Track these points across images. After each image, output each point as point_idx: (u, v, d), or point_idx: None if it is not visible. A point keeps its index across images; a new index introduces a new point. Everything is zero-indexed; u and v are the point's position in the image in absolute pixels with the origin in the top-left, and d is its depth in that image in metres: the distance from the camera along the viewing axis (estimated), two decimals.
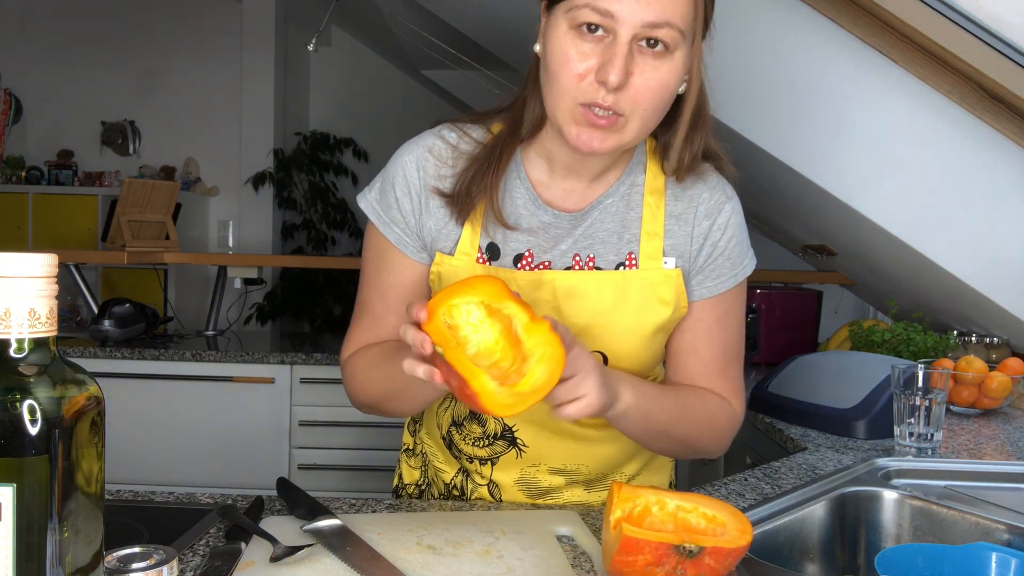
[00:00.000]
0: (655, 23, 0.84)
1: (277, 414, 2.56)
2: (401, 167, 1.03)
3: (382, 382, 1.02)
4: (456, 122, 1.06)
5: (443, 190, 1.01)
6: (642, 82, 0.87)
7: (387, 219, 1.04)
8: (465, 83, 4.76)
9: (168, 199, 3.08)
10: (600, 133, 0.89)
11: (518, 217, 1.02)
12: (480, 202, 1.00)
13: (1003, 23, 1.63)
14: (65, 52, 5.38)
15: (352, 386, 1.09)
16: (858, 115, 1.86)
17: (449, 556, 0.85)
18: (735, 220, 1.04)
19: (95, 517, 0.58)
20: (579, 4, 0.85)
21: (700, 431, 1.04)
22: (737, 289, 1.06)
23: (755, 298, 2.53)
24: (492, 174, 0.99)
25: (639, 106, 0.88)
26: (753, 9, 1.88)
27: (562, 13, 0.88)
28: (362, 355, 1.07)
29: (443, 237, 1.03)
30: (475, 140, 1.04)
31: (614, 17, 0.84)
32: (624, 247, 1.02)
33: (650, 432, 1.00)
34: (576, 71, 0.87)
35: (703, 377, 1.06)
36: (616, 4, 0.84)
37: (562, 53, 0.87)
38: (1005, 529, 1.00)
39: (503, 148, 1.01)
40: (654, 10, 0.84)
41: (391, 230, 1.04)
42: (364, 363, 1.06)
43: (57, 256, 0.57)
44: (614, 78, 0.84)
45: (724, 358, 1.07)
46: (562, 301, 1.00)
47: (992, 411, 1.74)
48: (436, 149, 1.03)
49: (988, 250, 1.84)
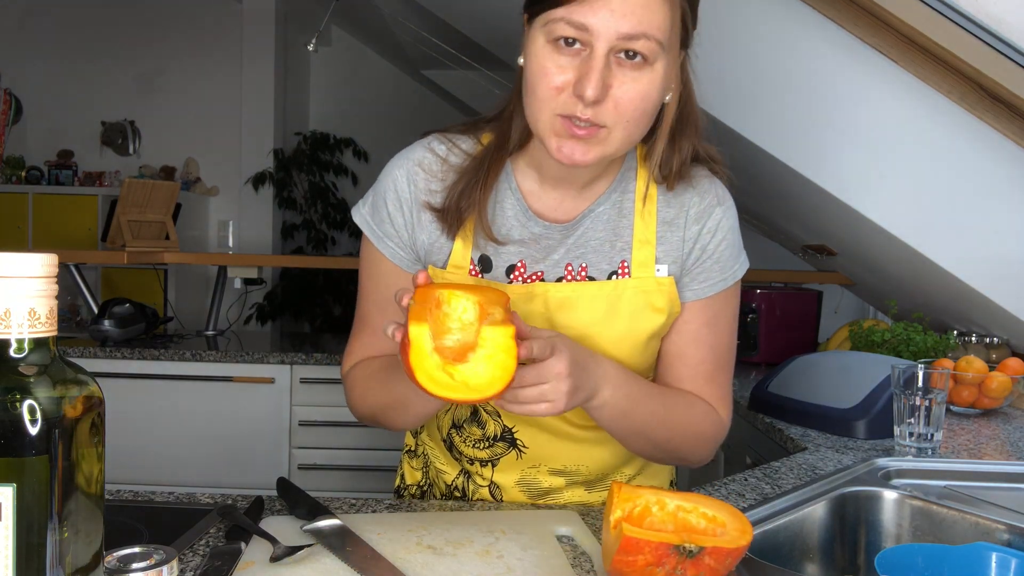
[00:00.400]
0: (631, 35, 0.84)
1: (277, 414, 2.56)
2: (392, 181, 1.03)
3: (381, 395, 1.03)
4: (445, 133, 1.06)
5: (433, 205, 1.01)
6: (622, 94, 0.86)
7: (380, 233, 1.05)
8: (465, 83, 4.76)
9: (168, 199, 3.08)
10: (582, 145, 0.89)
11: (509, 229, 1.02)
12: (470, 217, 1.00)
13: (1003, 23, 1.63)
14: (65, 52, 5.38)
15: (352, 398, 1.10)
16: (858, 115, 1.86)
17: (449, 556, 0.85)
18: (726, 224, 1.03)
19: (95, 517, 0.58)
20: (555, 18, 0.85)
21: (683, 436, 1.03)
22: (727, 293, 1.05)
23: (755, 298, 2.53)
24: (480, 189, 0.99)
25: (622, 117, 0.88)
26: (753, 9, 1.88)
27: (540, 26, 0.88)
28: (362, 368, 1.08)
29: (436, 251, 1.03)
30: (464, 152, 1.03)
31: (589, 30, 0.84)
32: (616, 255, 1.02)
33: (628, 431, 0.99)
34: (553, 84, 0.87)
35: (690, 381, 1.05)
36: (591, 17, 0.83)
37: (540, 66, 0.87)
38: (1005, 529, 0.99)
39: (491, 162, 1.01)
40: (629, 21, 0.83)
41: (385, 244, 1.05)
42: (363, 376, 1.07)
43: (57, 256, 0.57)
44: (591, 92, 0.84)
45: (713, 363, 1.06)
46: (555, 313, 1.00)
47: (992, 411, 1.74)
48: (426, 163, 1.03)
49: (988, 250, 1.84)
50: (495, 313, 0.82)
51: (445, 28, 3.54)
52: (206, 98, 5.43)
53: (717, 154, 1.05)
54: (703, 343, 1.05)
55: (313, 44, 3.62)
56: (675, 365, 1.06)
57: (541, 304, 1.00)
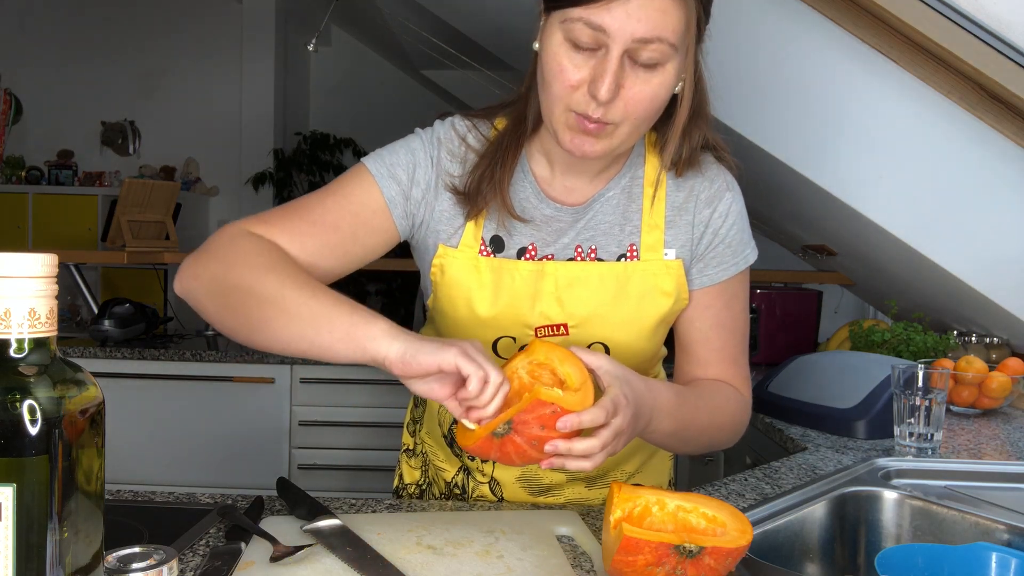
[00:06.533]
0: (646, 39, 0.84)
1: (277, 414, 2.56)
2: (429, 141, 1.03)
3: (273, 286, 0.87)
4: (466, 115, 1.07)
5: (456, 186, 1.02)
6: (632, 94, 0.88)
7: (390, 175, 1.01)
8: (465, 83, 4.76)
9: (168, 199, 3.08)
10: (591, 139, 0.91)
11: (522, 211, 1.03)
12: (492, 199, 1.00)
13: (1003, 23, 1.63)
14: (65, 52, 5.39)
15: (214, 257, 0.91)
16: (858, 115, 1.86)
17: (449, 556, 0.85)
18: (736, 208, 1.05)
19: (95, 517, 0.58)
20: (573, 17, 0.85)
21: (721, 432, 1.05)
22: (740, 276, 1.07)
23: (755, 298, 2.53)
24: (501, 170, 1.00)
25: (630, 115, 0.89)
26: (753, 9, 1.88)
27: (557, 22, 0.88)
28: (268, 246, 0.93)
29: (446, 224, 1.03)
30: (483, 136, 1.05)
31: (606, 31, 0.84)
32: (625, 239, 1.03)
33: (671, 443, 1.02)
34: (569, 82, 0.88)
35: (715, 365, 1.07)
36: (608, 18, 0.84)
37: (556, 64, 0.88)
38: (1005, 529, 0.99)
39: (508, 144, 1.02)
40: (645, 25, 0.84)
41: (388, 184, 1.00)
42: (263, 251, 0.91)
43: (57, 256, 0.57)
44: (604, 93, 0.86)
45: (735, 345, 1.09)
46: (563, 291, 1.00)
47: (992, 411, 1.74)
48: (450, 141, 1.04)
49: (988, 250, 1.84)
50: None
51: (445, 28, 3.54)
52: (206, 98, 5.44)
53: (723, 143, 1.06)
54: (725, 326, 1.07)
55: (313, 44, 3.62)
56: (699, 351, 1.08)
57: (551, 283, 1.00)
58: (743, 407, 1.08)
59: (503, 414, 0.81)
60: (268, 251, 0.92)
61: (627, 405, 0.84)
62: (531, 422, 0.80)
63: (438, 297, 1.05)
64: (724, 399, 1.06)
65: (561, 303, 1.00)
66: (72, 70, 5.40)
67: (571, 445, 0.80)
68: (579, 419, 0.79)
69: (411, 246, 1.09)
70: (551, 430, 0.79)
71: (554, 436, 0.80)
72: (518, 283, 1.00)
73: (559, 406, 0.79)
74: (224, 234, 0.95)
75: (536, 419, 0.80)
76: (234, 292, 0.89)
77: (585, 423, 0.80)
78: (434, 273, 1.04)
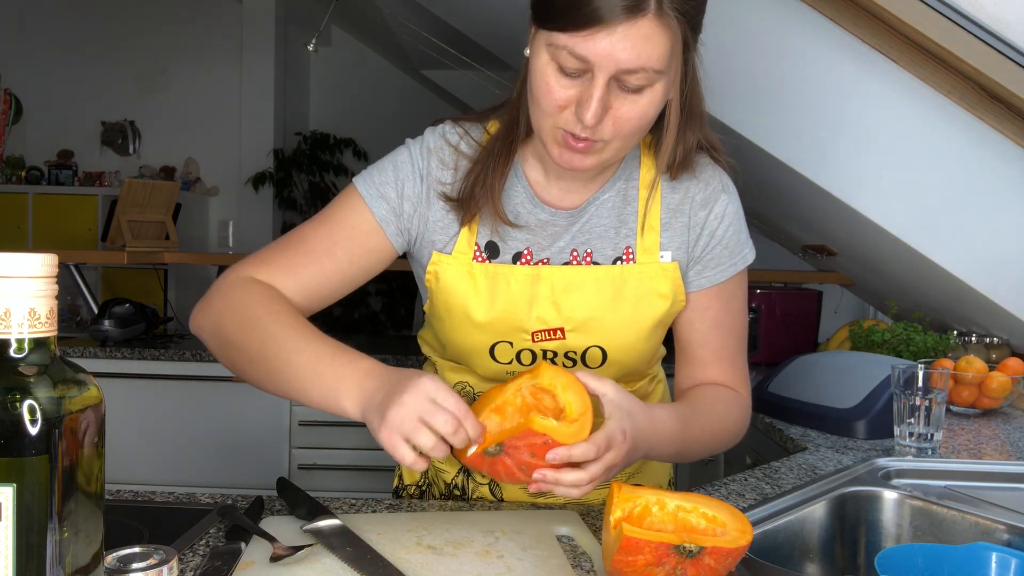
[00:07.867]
0: (631, 69, 0.85)
1: (277, 414, 2.56)
2: (418, 153, 1.04)
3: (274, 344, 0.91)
4: (457, 121, 1.07)
5: (448, 194, 1.02)
6: (621, 114, 0.88)
7: (378, 193, 1.02)
8: (465, 83, 4.76)
9: (168, 199, 3.08)
10: (580, 155, 0.92)
11: (516, 216, 1.03)
12: (484, 204, 1.00)
13: (1003, 23, 1.63)
14: (65, 52, 5.38)
15: (219, 303, 0.96)
16: (858, 115, 1.86)
17: (449, 556, 0.85)
18: (732, 209, 1.05)
19: (95, 517, 0.58)
20: (559, 44, 0.85)
21: (722, 441, 1.06)
22: (738, 277, 1.07)
23: (755, 298, 2.53)
24: (492, 175, 1.00)
25: (619, 133, 0.90)
26: (753, 9, 1.88)
27: (544, 42, 0.88)
28: (271, 293, 0.97)
29: (440, 232, 1.03)
30: (475, 141, 1.04)
31: (591, 62, 0.85)
32: (621, 242, 1.03)
33: (672, 458, 1.03)
34: (556, 102, 0.88)
35: (714, 366, 1.08)
36: (593, 49, 0.84)
37: (544, 83, 0.88)
38: (1005, 529, 0.99)
39: (500, 149, 1.02)
40: (630, 55, 0.84)
41: (378, 204, 1.02)
42: (266, 300, 0.95)
43: (57, 256, 0.57)
44: (590, 119, 0.86)
45: (734, 345, 1.09)
46: (560, 296, 1.00)
47: (992, 411, 1.74)
48: (440, 150, 1.04)
49: (988, 250, 1.84)
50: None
51: (445, 28, 3.54)
52: (206, 98, 5.43)
53: (718, 142, 1.06)
54: (724, 327, 1.07)
55: (313, 44, 3.62)
56: (699, 352, 1.08)
57: (547, 287, 1.00)
58: (743, 411, 1.08)
59: (495, 435, 0.82)
60: (257, 302, 0.95)
61: (623, 441, 0.84)
62: (522, 448, 0.81)
63: (434, 303, 1.05)
64: (725, 409, 1.06)
65: (557, 307, 1.00)
66: (72, 70, 5.40)
67: (559, 476, 0.81)
68: (569, 453, 0.80)
69: (408, 254, 1.09)
70: (541, 459, 0.80)
71: (543, 465, 0.81)
72: (514, 288, 1.00)
73: (551, 437, 0.79)
74: (223, 282, 0.99)
75: (527, 446, 0.80)
76: (227, 347, 0.96)
77: (575, 457, 0.81)
78: (429, 280, 1.04)
